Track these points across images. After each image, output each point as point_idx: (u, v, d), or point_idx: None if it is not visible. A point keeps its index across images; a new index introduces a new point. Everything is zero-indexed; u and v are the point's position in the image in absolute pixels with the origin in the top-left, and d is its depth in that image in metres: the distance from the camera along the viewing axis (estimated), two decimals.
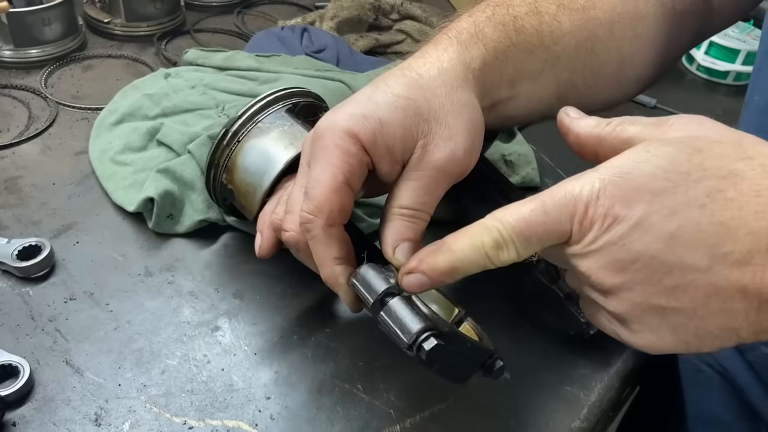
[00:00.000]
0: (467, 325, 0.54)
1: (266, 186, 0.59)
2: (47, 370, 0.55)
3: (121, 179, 0.72)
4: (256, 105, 0.62)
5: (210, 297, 0.63)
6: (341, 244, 0.50)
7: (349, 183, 0.49)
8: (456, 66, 0.52)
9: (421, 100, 0.50)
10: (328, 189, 0.48)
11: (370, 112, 0.49)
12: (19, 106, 0.85)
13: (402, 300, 0.46)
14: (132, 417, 0.53)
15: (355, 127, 0.48)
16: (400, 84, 0.50)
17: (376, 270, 0.49)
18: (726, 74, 1.12)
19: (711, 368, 0.64)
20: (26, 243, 0.63)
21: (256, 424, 0.54)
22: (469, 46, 0.53)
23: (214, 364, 0.58)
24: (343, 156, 0.48)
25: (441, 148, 0.49)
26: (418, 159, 0.50)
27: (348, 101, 0.51)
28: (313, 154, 0.50)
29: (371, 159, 0.50)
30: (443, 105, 0.50)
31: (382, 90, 0.50)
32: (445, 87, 0.51)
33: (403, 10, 1.11)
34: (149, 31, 1.03)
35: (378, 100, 0.50)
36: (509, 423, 0.56)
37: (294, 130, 0.61)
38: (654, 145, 0.40)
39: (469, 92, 0.52)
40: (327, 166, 0.48)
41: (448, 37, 0.53)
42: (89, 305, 0.61)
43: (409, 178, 0.50)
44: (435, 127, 0.50)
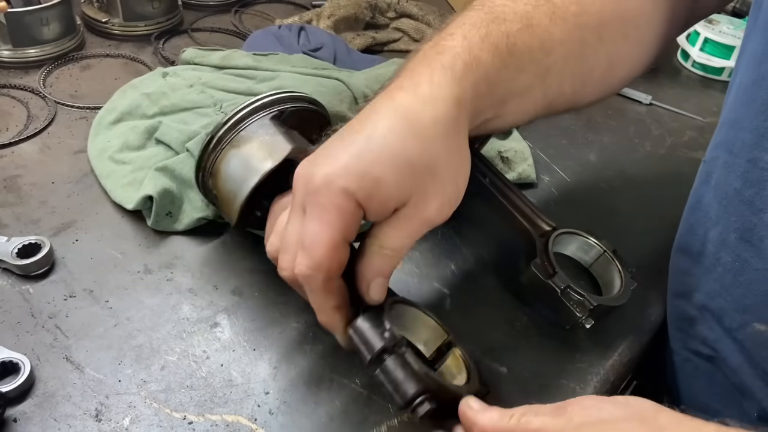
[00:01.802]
0: (456, 351, 0.55)
1: (243, 198, 0.60)
2: (48, 367, 0.56)
3: (120, 178, 0.73)
4: (242, 112, 0.62)
5: (209, 293, 0.64)
6: (339, 293, 0.51)
7: (346, 239, 0.50)
8: (450, 109, 0.51)
9: (416, 154, 0.50)
10: (326, 248, 0.49)
11: (367, 169, 0.49)
12: (17, 105, 0.86)
13: (396, 359, 0.48)
14: (132, 412, 0.53)
15: (352, 187, 0.48)
16: (396, 135, 0.50)
17: (371, 323, 0.50)
18: (721, 71, 1.12)
19: (698, 356, 0.65)
20: (26, 241, 0.64)
21: (255, 419, 0.54)
22: (463, 78, 0.52)
23: (214, 359, 0.58)
24: (341, 215, 0.49)
25: (431, 204, 0.51)
26: (409, 211, 0.50)
27: (341, 145, 0.51)
28: (309, 206, 0.50)
29: (364, 210, 0.50)
30: (437, 157, 0.50)
31: (379, 141, 0.49)
32: (439, 137, 0.51)
33: (399, 9, 1.12)
34: (147, 30, 1.03)
35: (374, 155, 0.49)
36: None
37: (275, 140, 0.61)
38: None
39: (461, 136, 0.53)
40: (325, 225, 0.49)
41: (442, 67, 0.52)
42: (89, 302, 0.62)
43: (397, 226, 0.51)
44: (428, 182, 0.50)
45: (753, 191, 0.55)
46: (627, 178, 0.87)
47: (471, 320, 0.64)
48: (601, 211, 0.81)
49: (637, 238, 0.77)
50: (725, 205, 0.59)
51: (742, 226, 0.57)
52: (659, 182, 0.87)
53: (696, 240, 0.63)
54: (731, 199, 0.58)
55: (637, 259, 0.68)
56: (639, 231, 0.78)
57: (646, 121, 1.00)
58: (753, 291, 0.57)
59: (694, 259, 0.63)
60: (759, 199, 0.55)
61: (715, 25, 1.13)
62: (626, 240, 0.76)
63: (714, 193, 0.61)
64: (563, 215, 0.78)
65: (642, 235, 0.78)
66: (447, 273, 0.69)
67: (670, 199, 0.72)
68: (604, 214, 0.81)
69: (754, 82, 0.55)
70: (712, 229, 0.60)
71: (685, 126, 1.00)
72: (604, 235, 0.70)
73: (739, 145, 0.57)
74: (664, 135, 0.97)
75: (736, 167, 0.57)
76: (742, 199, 0.56)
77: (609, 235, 0.77)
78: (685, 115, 1.02)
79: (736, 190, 0.57)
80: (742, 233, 0.57)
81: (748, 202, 0.56)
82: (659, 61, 1.14)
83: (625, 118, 1.00)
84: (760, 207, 0.55)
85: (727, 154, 0.59)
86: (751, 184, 0.56)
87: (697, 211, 0.63)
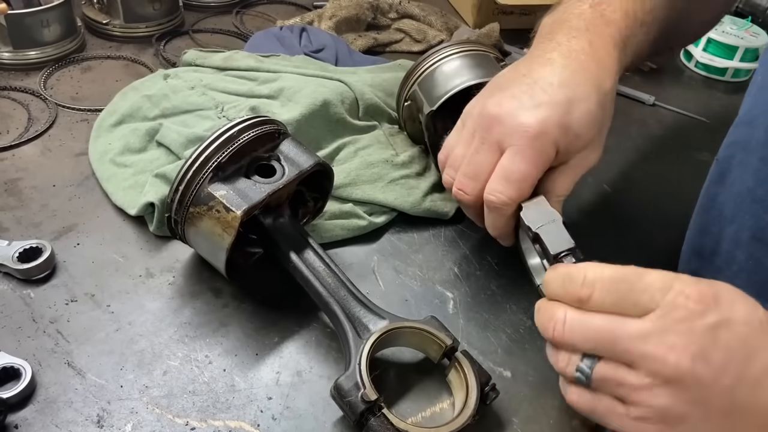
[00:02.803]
0: (461, 363, 0.56)
1: (222, 269, 0.60)
2: (49, 372, 0.56)
3: (121, 181, 0.73)
4: (183, 183, 0.58)
5: (211, 298, 0.64)
6: (516, 216, 0.60)
7: (539, 177, 0.59)
8: (616, 80, 0.61)
9: (602, 117, 0.60)
10: (529, 183, 0.58)
11: (572, 127, 0.58)
12: (18, 107, 0.85)
13: (379, 419, 0.51)
14: (134, 418, 0.53)
15: (561, 140, 0.58)
16: (593, 102, 0.58)
17: (350, 385, 0.52)
18: (724, 71, 1.12)
19: None
20: (27, 245, 0.63)
21: (258, 425, 0.54)
22: (621, 52, 0.62)
23: (216, 364, 0.58)
24: (546, 159, 0.58)
25: (595, 154, 0.62)
26: (578, 161, 0.60)
27: (546, 96, 0.58)
28: (516, 146, 0.57)
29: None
30: (607, 120, 0.61)
31: (581, 106, 0.58)
32: (610, 103, 0.61)
33: (401, 9, 1.12)
34: (148, 32, 1.03)
35: (578, 116, 0.58)
36: (511, 420, 0.56)
37: (227, 203, 0.57)
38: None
39: (615, 95, 0.62)
40: (532, 165, 0.57)
41: (612, 40, 0.61)
42: (90, 307, 0.61)
43: (568, 173, 0.61)
44: (598, 137, 0.61)
45: (765, 189, 0.55)
46: (630, 179, 0.87)
47: (474, 323, 0.64)
48: (604, 212, 0.81)
49: (642, 239, 0.77)
50: (739, 203, 0.58)
51: (755, 224, 0.56)
52: (663, 183, 0.86)
53: (710, 240, 0.63)
54: (744, 198, 0.58)
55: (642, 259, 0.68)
56: (643, 232, 0.78)
57: (649, 122, 1.00)
58: (766, 290, 0.56)
59: (707, 259, 0.63)
60: None
61: (718, 26, 1.12)
62: (630, 241, 0.76)
63: (728, 191, 0.60)
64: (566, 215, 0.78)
65: (646, 236, 0.77)
66: (450, 276, 0.69)
67: (674, 200, 0.71)
68: (607, 215, 0.80)
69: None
70: (727, 227, 0.60)
71: (688, 126, 0.99)
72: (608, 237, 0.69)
73: (753, 143, 0.57)
74: (667, 135, 0.97)
75: (749, 166, 0.57)
76: (754, 197, 0.56)
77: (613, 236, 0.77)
78: (688, 116, 1.01)
79: (749, 189, 0.57)
80: (755, 232, 0.57)
81: (760, 200, 0.56)
82: (662, 62, 1.14)
83: (628, 119, 0.99)
84: None
85: (742, 152, 0.59)
86: (763, 182, 0.55)
87: (710, 210, 0.63)
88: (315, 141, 0.78)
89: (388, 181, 0.75)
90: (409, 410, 0.56)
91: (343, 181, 0.73)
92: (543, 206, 0.58)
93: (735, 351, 0.41)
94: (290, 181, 0.60)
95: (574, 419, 0.57)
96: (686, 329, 0.41)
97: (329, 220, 0.71)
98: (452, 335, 0.56)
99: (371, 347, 0.54)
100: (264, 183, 0.59)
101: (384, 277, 0.68)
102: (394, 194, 0.74)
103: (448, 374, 0.57)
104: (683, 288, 0.42)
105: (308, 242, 0.61)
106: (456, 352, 0.56)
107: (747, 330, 0.41)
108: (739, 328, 0.41)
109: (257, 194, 0.58)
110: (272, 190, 0.59)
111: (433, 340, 0.56)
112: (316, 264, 0.60)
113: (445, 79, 0.74)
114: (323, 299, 0.58)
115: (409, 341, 0.58)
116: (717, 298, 0.42)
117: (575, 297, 0.46)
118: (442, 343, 0.56)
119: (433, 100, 0.73)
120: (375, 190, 0.74)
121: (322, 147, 0.78)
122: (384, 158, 0.77)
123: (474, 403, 0.53)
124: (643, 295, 0.43)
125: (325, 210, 0.70)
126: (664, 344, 0.41)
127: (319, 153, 0.74)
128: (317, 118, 0.78)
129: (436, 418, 0.56)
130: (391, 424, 0.51)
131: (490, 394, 0.54)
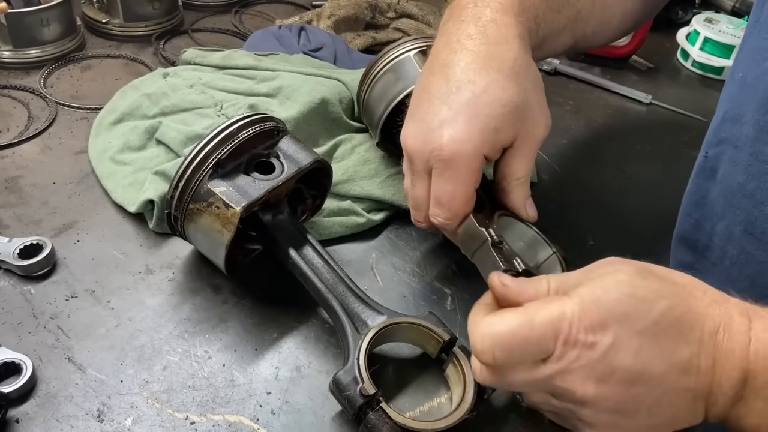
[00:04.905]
0: (459, 358, 0.56)
1: (222, 267, 0.60)
2: (50, 368, 0.56)
3: (121, 178, 0.73)
4: (182, 181, 0.59)
5: (210, 294, 0.64)
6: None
7: (475, 188, 0.57)
8: (519, 43, 0.58)
9: (515, 93, 0.57)
10: (461, 202, 0.57)
11: (486, 125, 0.56)
12: (18, 106, 0.86)
13: (377, 413, 0.51)
14: (134, 413, 0.54)
15: (479, 146, 0.56)
16: (496, 85, 0.56)
17: (349, 380, 0.53)
18: (721, 70, 1.12)
19: None
20: (27, 242, 0.64)
21: (257, 419, 0.54)
22: (520, 15, 0.59)
23: (215, 359, 0.58)
24: (473, 172, 0.56)
25: (538, 126, 0.59)
26: (524, 140, 0.58)
27: (448, 109, 0.56)
28: (440, 171, 0.57)
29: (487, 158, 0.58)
30: (527, 88, 0.58)
31: (485, 98, 0.56)
32: (522, 71, 0.57)
33: (399, 9, 1.12)
34: (147, 31, 1.03)
35: (486, 110, 0.56)
36: (509, 415, 0.57)
37: (227, 200, 0.57)
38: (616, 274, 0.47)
39: (531, 60, 0.59)
40: (460, 184, 0.57)
41: (501, 8, 0.59)
42: (90, 303, 0.62)
43: (518, 155, 0.59)
44: (530, 111, 0.58)
45: (755, 184, 0.56)
46: (627, 178, 0.87)
47: None
48: (601, 210, 0.81)
49: (638, 236, 0.77)
50: (730, 198, 0.59)
51: (746, 219, 0.57)
52: (659, 181, 0.87)
53: (703, 235, 0.63)
54: (735, 193, 0.58)
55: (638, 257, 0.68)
56: (639, 230, 0.78)
57: (646, 121, 1.00)
58: (757, 283, 0.57)
59: (700, 253, 0.64)
60: (760, 192, 0.55)
61: (714, 25, 1.13)
62: (627, 239, 0.76)
63: (720, 187, 0.61)
64: (563, 214, 0.78)
65: (643, 233, 0.78)
66: (448, 273, 0.69)
67: (671, 198, 0.72)
68: (604, 213, 0.81)
69: (756, 78, 0.56)
70: (719, 223, 0.61)
71: (685, 125, 1.00)
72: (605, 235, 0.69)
73: (742, 139, 0.57)
74: (663, 134, 0.97)
75: (740, 161, 0.58)
76: (745, 192, 0.57)
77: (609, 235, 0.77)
78: (685, 115, 1.02)
79: (739, 184, 0.58)
80: (746, 226, 0.57)
81: (751, 195, 0.56)
82: (659, 61, 1.14)
83: (625, 118, 1.00)
84: (761, 200, 0.55)
85: (732, 149, 0.59)
86: (753, 177, 0.56)
87: (702, 206, 0.64)
88: (312, 139, 0.78)
89: (385, 176, 0.75)
90: (407, 405, 0.57)
91: (341, 177, 0.74)
92: (471, 228, 0.58)
93: (631, 366, 0.44)
94: (289, 178, 0.61)
95: None
96: (582, 366, 0.45)
97: (328, 217, 0.71)
98: (450, 330, 0.57)
99: (369, 342, 0.54)
100: (263, 180, 0.60)
101: (382, 273, 0.68)
102: (392, 189, 0.74)
103: (445, 369, 0.58)
104: (570, 329, 0.45)
105: (307, 239, 0.62)
106: (454, 348, 0.56)
107: (638, 341, 0.44)
108: (629, 344, 0.44)
109: (256, 191, 0.58)
110: (271, 186, 0.59)
111: (431, 336, 0.57)
112: (314, 260, 0.61)
113: (375, 105, 0.74)
114: (322, 295, 0.58)
115: (407, 337, 0.58)
116: (603, 324, 0.44)
117: (485, 362, 0.48)
118: (440, 339, 0.56)
119: (375, 129, 0.75)
120: (373, 185, 0.74)
121: (320, 145, 0.78)
122: (381, 154, 0.77)
123: (471, 398, 0.53)
124: (539, 347, 0.46)
125: (324, 207, 0.70)
126: (569, 381, 0.46)
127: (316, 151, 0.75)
128: (315, 116, 0.79)
129: (434, 413, 0.56)
130: (389, 418, 0.51)
131: (487, 389, 0.55)
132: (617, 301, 0.45)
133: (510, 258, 0.55)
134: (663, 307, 0.44)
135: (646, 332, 0.44)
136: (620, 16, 0.73)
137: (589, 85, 1.07)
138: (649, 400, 0.45)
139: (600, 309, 0.45)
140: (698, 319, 0.45)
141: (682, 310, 0.45)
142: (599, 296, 0.45)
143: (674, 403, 0.45)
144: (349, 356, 0.54)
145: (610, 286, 0.45)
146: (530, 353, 0.46)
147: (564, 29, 0.66)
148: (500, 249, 0.56)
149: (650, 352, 0.44)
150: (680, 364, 0.44)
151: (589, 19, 0.68)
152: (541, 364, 0.46)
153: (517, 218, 0.62)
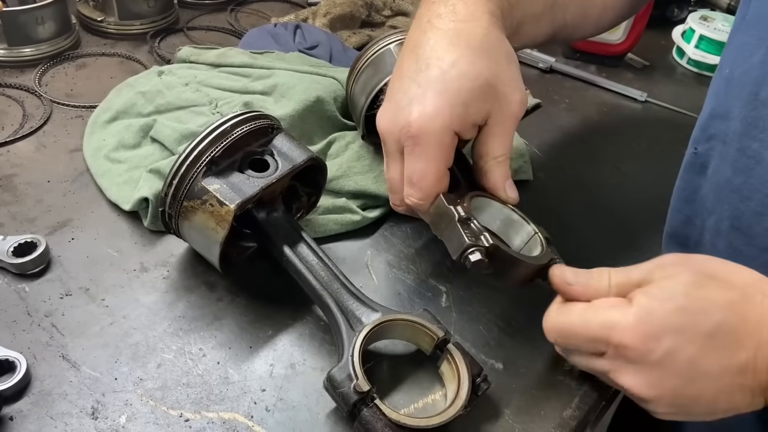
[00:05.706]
0: (453, 356, 0.56)
1: (217, 263, 0.60)
2: (44, 365, 0.56)
3: (116, 176, 0.73)
4: (177, 177, 0.59)
5: (205, 291, 0.64)
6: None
7: (447, 167, 0.57)
8: (490, 19, 0.58)
9: (486, 68, 0.56)
10: (433, 180, 0.56)
11: (455, 101, 0.55)
12: (13, 104, 0.86)
13: (371, 410, 0.52)
14: (128, 410, 0.53)
15: (448, 122, 0.55)
16: (465, 60, 0.55)
17: (343, 377, 0.53)
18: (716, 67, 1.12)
19: None
20: (22, 240, 0.64)
21: (252, 416, 0.54)
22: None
23: (210, 357, 0.58)
24: (443, 149, 0.56)
25: (512, 102, 0.57)
26: (498, 117, 0.57)
27: (418, 87, 0.56)
28: (411, 149, 0.56)
29: (459, 135, 0.57)
30: (499, 62, 0.57)
31: (454, 73, 0.55)
32: (493, 46, 0.57)
33: (395, 7, 1.12)
34: (142, 29, 1.03)
35: (455, 86, 0.55)
36: (503, 411, 0.57)
37: (220, 197, 0.57)
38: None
39: (503, 35, 0.59)
40: (431, 161, 0.56)
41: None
42: (85, 301, 0.62)
43: (494, 133, 0.58)
44: (502, 86, 0.56)
45: (741, 179, 0.56)
46: (622, 175, 0.88)
47: (467, 316, 0.65)
48: (597, 208, 0.81)
49: (634, 234, 0.77)
50: (718, 194, 0.59)
51: (733, 214, 0.57)
52: (654, 179, 0.87)
53: (693, 231, 0.64)
54: (723, 188, 0.59)
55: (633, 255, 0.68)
56: (635, 227, 0.78)
57: (641, 118, 1.00)
58: None
59: (692, 249, 0.64)
60: (746, 187, 0.56)
61: (710, 23, 1.13)
62: (622, 236, 0.77)
63: (710, 183, 0.61)
64: (559, 212, 0.79)
65: (638, 230, 0.78)
66: (443, 270, 0.69)
67: (666, 195, 0.72)
68: (600, 211, 0.81)
69: (743, 74, 0.56)
70: (708, 218, 0.61)
71: (680, 122, 1.00)
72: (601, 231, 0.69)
73: (730, 135, 0.58)
74: (659, 132, 0.97)
75: (727, 156, 0.58)
76: (732, 187, 0.57)
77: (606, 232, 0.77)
78: (680, 112, 1.02)
79: (727, 179, 0.58)
80: (733, 221, 0.58)
81: (737, 190, 0.57)
82: (654, 59, 1.15)
83: (620, 116, 1.00)
84: (747, 195, 0.56)
85: (721, 144, 0.60)
86: (740, 172, 0.56)
87: (693, 202, 0.64)
88: (307, 137, 0.78)
89: (379, 172, 0.75)
90: (402, 401, 0.57)
91: (335, 173, 0.74)
92: (441, 206, 0.57)
93: (685, 372, 0.47)
94: (283, 175, 0.61)
95: (565, 409, 0.58)
96: (635, 370, 0.49)
97: (323, 214, 0.71)
98: (444, 327, 0.57)
99: (364, 339, 0.54)
100: (257, 177, 0.60)
101: (377, 270, 0.68)
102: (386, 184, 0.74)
103: (440, 366, 0.58)
104: (621, 337, 0.48)
105: (302, 236, 0.62)
106: (448, 344, 0.57)
107: (692, 351, 0.46)
108: (683, 354, 0.47)
109: (251, 188, 0.58)
110: (266, 184, 0.59)
111: (426, 333, 0.57)
112: (309, 258, 0.61)
113: (358, 98, 0.75)
114: (316, 292, 0.58)
115: (402, 334, 0.58)
116: (657, 336, 0.47)
117: (549, 341, 0.55)
118: (435, 336, 0.56)
119: (358, 122, 0.76)
120: (367, 180, 0.74)
121: (315, 143, 0.78)
122: (374, 150, 0.77)
123: (465, 395, 0.53)
124: (592, 345, 0.51)
125: (319, 205, 0.70)
126: (622, 380, 0.50)
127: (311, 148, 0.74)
128: (310, 114, 0.79)
129: (428, 409, 0.56)
130: (384, 415, 0.51)
131: (481, 385, 0.55)
132: (672, 313, 0.47)
133: (478, 234, 0.54)
134: (718, 320, 0.46)
135: (700, 343, 0.46)
136: (601, 6, 0.74)
137: (584, 83, 1.07)
138: (705, 398, 0.48)
139: (654, 320, 0.47)
140: (756, 328, 0.46)
141: (738, 320, 0.46)
142: (655, 308, 0.47)
143: (731, 399, 0.47)
144: (343, 353, 0.54)
145: (667, 297, 0.47)
146: (584, 347, 0.52)
147: (542, 15, 0.66)
148: (467, 225, 0.55)
149: (705, 360, 0.46)
150: (736, 366, 0.46)
151: (568, 7, 0.69)
152: (598, 357, 0.51)
153: (496, 199, 0.61)
